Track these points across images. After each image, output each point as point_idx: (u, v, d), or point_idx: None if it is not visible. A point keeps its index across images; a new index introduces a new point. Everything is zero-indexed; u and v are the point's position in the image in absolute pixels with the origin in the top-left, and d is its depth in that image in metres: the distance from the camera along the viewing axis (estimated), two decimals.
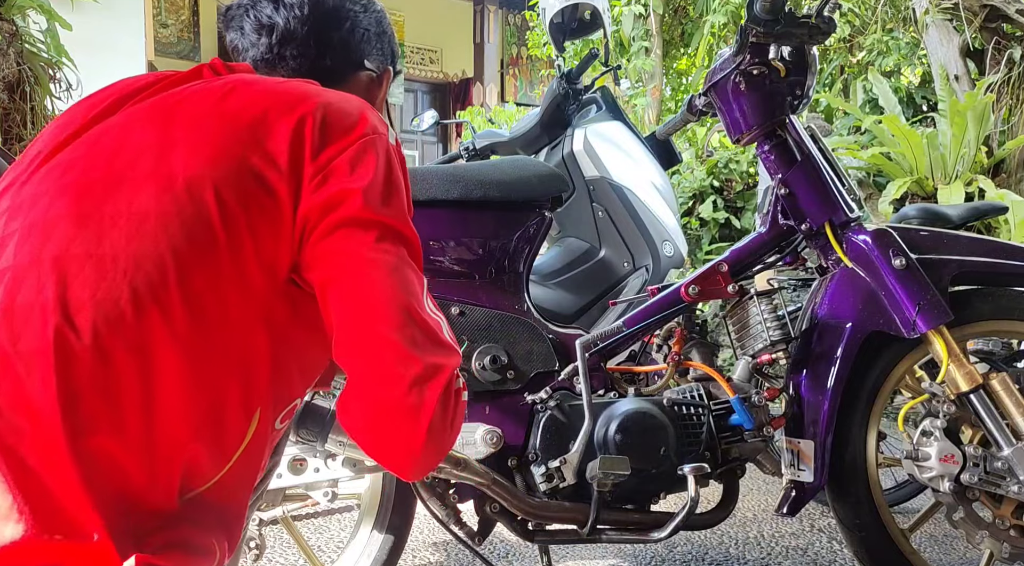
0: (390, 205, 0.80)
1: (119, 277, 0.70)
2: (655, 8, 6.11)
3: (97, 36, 5.25)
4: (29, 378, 0.67)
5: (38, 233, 0.73)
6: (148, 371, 0.69)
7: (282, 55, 0.97)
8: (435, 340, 0.79)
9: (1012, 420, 1.28)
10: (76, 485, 0.66)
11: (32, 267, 0.71)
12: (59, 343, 0.67)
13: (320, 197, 0.77)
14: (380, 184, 0.80)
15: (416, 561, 1.80)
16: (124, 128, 0.80)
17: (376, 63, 1.03)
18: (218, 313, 0.73)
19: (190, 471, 0.73)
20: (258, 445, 0.79)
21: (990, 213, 2.17)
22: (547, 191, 1.47)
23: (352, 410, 0.78)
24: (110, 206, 0.73)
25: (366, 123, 0.83)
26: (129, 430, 0.69)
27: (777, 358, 1.40)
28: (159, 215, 0.73)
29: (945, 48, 4.26)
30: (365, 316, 0.76)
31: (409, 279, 0.79)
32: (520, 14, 9.11)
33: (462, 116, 6.83)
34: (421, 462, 0.79)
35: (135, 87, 0.86)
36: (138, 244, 0.72)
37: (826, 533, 2.00)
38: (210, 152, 0.77)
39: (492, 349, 1.40)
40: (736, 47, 1.41)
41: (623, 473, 1.26)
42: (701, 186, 4.25)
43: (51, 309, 0.68)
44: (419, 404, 0.75)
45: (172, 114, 0.80)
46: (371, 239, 0.78)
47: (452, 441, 0.81)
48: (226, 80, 0.86)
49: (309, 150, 0.78)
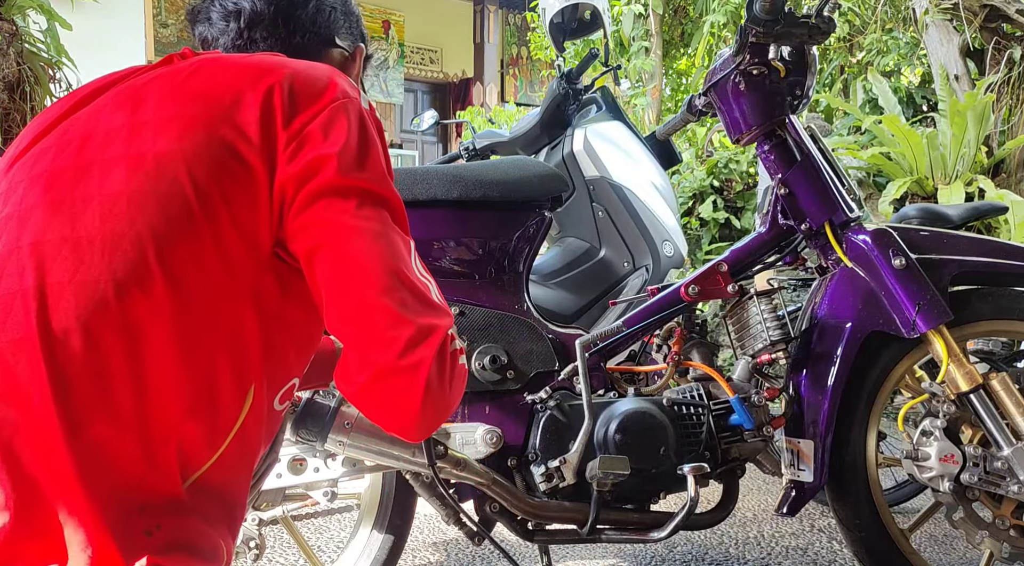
0: (366, 168, 0.80)
1: (97, 259, 0.70)
2: (655, 8, 6.10)
3: (97, 36, 5.25)
4: (18, 367, 0.67)
5: (14, 224, 0.73)
6: (136, 351, 0.69)
7: (252, 39, 0.97)
8: (425, 302, 0.79)
9: (1012, 420, 1.28)
10: (72, 482, 0.66)
11: (11, 256, 0.71)
12: (43, 329, 0.67)
13: (296, 166, 0.77)
14: (354, 148, 0.79)
15: (416, 561, 1.80)
16: (92, 116, 0.80)
17: (347, 41, 1.04)
18: (202, 288, 0.73)
19: (186, 451, 0.72)
20: (255, 423, 0.79)
21: (990, 213, 2.17)
22: (547, 191, 1.47)
23: (349, 377, 0.78)
24: (81, 190, 0.74)
25: (336, 87, 0.82)
26: (123, 413, 0.69)
27: (777, 358, 1.40)
28: (131, 194, 0.73)
29: (945, 48, 4.26)
30: (353, 284, 0.76)
31: (394, 242, 0.79)
32: (520, 14, 9.12)
33: (462, 116, 6.82)
34: (421, 423, 0.79)
35: (107, 81, 0.86)
36: (113, 225, 0.72)
37: (826, 533, 2.00)
38: (178, 128, 0.76)
39: (492, 349, 1.40)
40: (736, 47, 1.41)
41: (623, 473, 1.26)
42: (701, 186, 4.25)
43: (32, 295, 0.69)
44: (415, 365, 0.75)
45: (138, 97, 0.80)
46: (351, 206, 0.77)
47: (453, 402, 0.81)
48: (192, 61, 0.86)
49: (280, 118, 0.78)
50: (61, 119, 0.82)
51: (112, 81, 0.86)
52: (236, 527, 0.80)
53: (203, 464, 0.74)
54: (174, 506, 0.71)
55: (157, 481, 0.70)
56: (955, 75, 4.22)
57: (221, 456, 0.75)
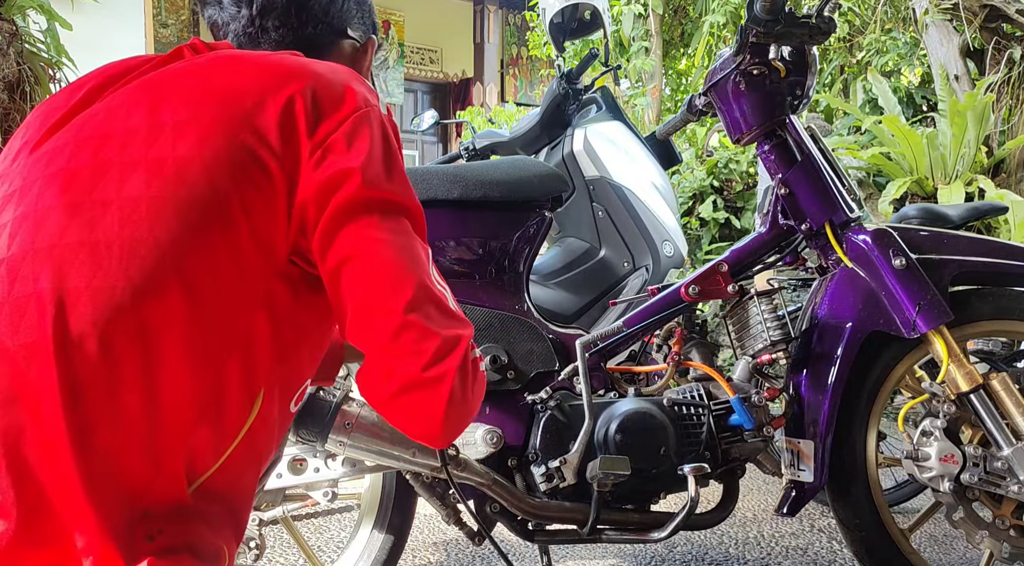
0: (391, 179, 0.81)
1: (114, 264, 0.69)
2: (655, 8, 6.11)
3: (97, 36, 5.25)
4: (29, 371, 0.66)
5: (29, 224, 0.72)
6: (150, 358, 0.69)
7: (264, 27, 0.94)
8: (448, 313, 0.81)
9: (1012, 420, 1.28)
10: (77, 489, 0.65)
11: (26, 259, 0.70)
12: (58, 334, 0.67)
13: (321, 176, 0.77)
14: (379, 160, 0.80)
15: (416, 561, 1.80)
16: (109, 113, 0.79)
17: (359, 32, 1.01)
18: (216, 296, 0.73)
19: (193, 456, 0.72)
20: (262, 427, 0.78)
21: (990, 213, 2.17)
22: (547, 191, 1.47)
23: (375, 387, 0.80)
24: (99, 193, 0.72)
25: (357, 95, 0.82)
26: (133, 420, 0.68)
27: (777, 358, 1.40)
28: (150, 200, 0.72)
29: (945, 48, 4.26)
30: (381, 297, 0.77)
31: (416, 253, 0.81)
32: (520, 14, 9.11)
33: (462, 116, 6.82)
34: (445, 431, 0.81)
35: (117, 71, 0.85)
36: (132, 230, 0.71)
37: (826, 533, 2.00)
38: (198, 132, 0.75)
39: (492, 349, 1.40)
40: (736, 47, 1.41)
41: (623, 473, 1.26)
42: (701, 186, 4.25)
43: (48, 300, 0.68)
44: (439, 377, 0.77)
45: (156, 96, 0.79)
46: (376, 219, 0.78)
47: (474, 408, 0.83)
48: (209, 57, 0.84)
49: (304, 126, 0.77)
50: (74, 111, 0.81)
51: (123, 71, 0.85)
52: (241, 529, 0.80)
53: (208, 468, 0.74)
54: (178, 511, 0.71)
55: (163, 487, 0.70)
56: (955, 75, 4.22)
57: (227, 460, 0.75)
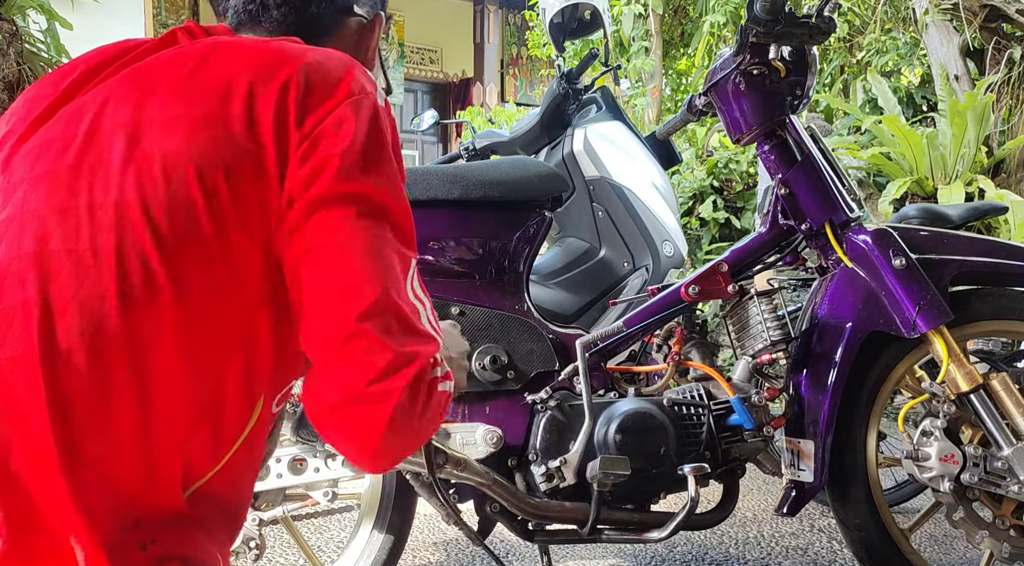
0: (371, 172, 0.74)
1: (102, 272, 0.67)
2: (655, 8, 6.11)
3: (97, 36, 5.24)
4: (16, 385, 0.64)
5: (15, 229, 0.69)
6: (141, 366, 0.67)
7: (265, 5, 0.88)
8: (410, 328, 0.74)
9: (1012, 420, 1.28)
10: (66, 502, 0.64)
11: (11, 266, 0.68)
12: (44, 347, 0.64)
13: (307, 167, 0.72)
14: (359, 149, 0.74)
15: (416, 561, 1.80)
16: (97, 107, 0.75)
17: (366, 8, 0.94)
18: (212, 298, 0.70)
19: (190, 463, 0.71)
20: (260, 432, 0.77)
21: (990, 213, 2.17)
22: (547, 191, 1.47)
23: (317, 397, 0.74)
24: (85, 196, 0.69)
25: (352, 83, 0.76)
26: (125, 431, 0.66)
27: (777, 358, 1.40)
28: (138, 202, 0.69)
29: (945, 48, 4.26)
30: (337, 302, 0.71)
31: (388, 260, 0.74)
32: (520, 14, 9.11)
33: (462, 116, 6.82)
34: (381, 455, 0.75)
35: (107, 56, 0.81)
36: (119, 235, 0.68)
37: (826, 533, 2.00)
38: (187, 127, 0.71)
39: (492, 349, 1.40)
40: (736, 47, 1.41)
41: (623, 473, 1.26)
42: (701, 186, 4.25)
43: (33, 310, 0.65)
44: (383, 394, 0.70)
45: (145, 88, 0.75)
46: (351, 214, 0.72)
47: (424, 433, 0.76)
48: (202, 44, 0.80)
49: (294, 117, 0.73)
50: (62, 101, 0.77)
51: (115, 55, 0.81)
52: (235, 532, 0.79)
53: (205, 474, 0.72)
54: (172, 518, 0.70)
55: (157, 496, 0.69)
56: (955, 75, 4.22)
57: (225, 466, 0.74)
